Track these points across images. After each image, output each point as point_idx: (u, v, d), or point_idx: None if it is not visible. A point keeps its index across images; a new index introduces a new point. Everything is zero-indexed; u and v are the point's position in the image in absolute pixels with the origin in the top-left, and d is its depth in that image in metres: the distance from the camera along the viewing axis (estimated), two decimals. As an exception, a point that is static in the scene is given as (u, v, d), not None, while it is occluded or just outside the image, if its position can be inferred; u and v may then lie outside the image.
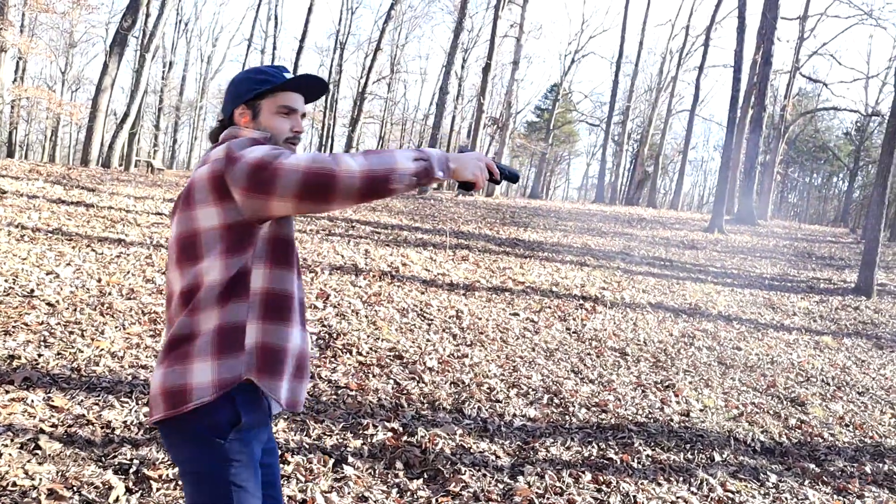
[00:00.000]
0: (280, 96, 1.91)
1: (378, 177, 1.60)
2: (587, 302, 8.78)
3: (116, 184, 13.53)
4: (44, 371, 4.11)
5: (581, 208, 23.94)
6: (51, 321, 4.97)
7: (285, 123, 1.90)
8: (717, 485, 4.01)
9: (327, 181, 1.56)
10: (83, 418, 3.57)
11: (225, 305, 1.71)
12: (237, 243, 1.70)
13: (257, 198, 1.60)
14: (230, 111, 1.91)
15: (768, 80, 23.78)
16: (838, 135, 45.75)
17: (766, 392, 6.24)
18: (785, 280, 12.97)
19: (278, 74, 1.92)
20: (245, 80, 1.91)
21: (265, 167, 1.59)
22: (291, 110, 1.92)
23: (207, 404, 1.68)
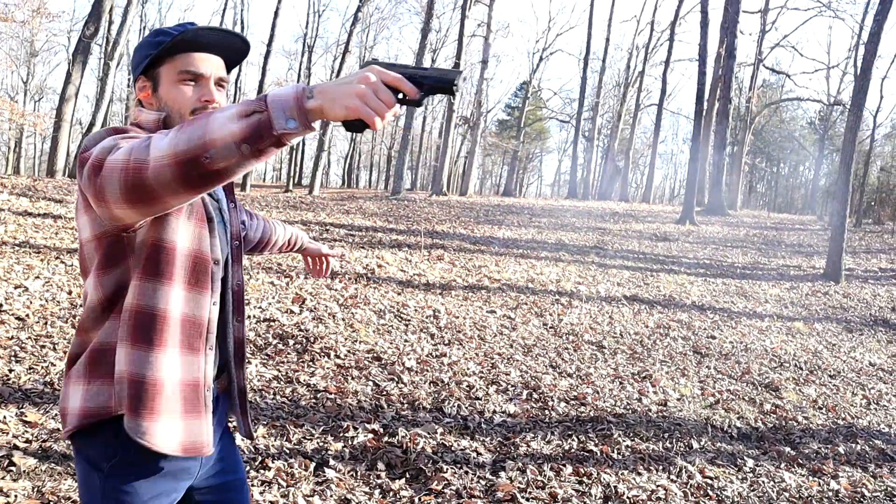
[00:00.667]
0: (181, 59, 1.52)
1: (188, 157, 1.15)
2: (563, 297, 8.82)
3: (86, 195, 13.32)
4: (15, 386, 4.04)
5: (554, 204, 24.05)
6: (21, 335, 4.89)
7: (189, 93, 1.52)
8: (696, 472, 4.04)
9: (137, 176, 1.19)
10: (58, 432, 3.52)
11: (103, 324, 1.46)
12: (110, 257, 1.43)
13: (98, 205, 1.29)
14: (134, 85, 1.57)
15: (733, 73, 24.07)
16: (803, 124, 46.46)
17: (741, 379, 6.31)
18: (756, 268, 13.13)
19: (174, 32, 1.51)
20: (143, 45, 1.55)
21: (94, 167, 1.26)
22: (197, 76, 1.53)
23: (83, 430, 1.44)
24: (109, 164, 1.22)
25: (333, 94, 1.13)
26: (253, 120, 1.13)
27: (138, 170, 1.18)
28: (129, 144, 1.22)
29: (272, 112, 1.12)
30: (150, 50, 1.52)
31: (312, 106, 1.13)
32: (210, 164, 1.14)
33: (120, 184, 1.21)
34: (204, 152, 1.14)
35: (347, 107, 1.12)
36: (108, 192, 1.23)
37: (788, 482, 4.08)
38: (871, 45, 12.78)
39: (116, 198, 1.23)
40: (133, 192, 1.21)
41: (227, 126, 1.13)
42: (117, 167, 1.21)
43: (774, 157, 48.70)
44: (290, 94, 1.14)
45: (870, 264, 14.72)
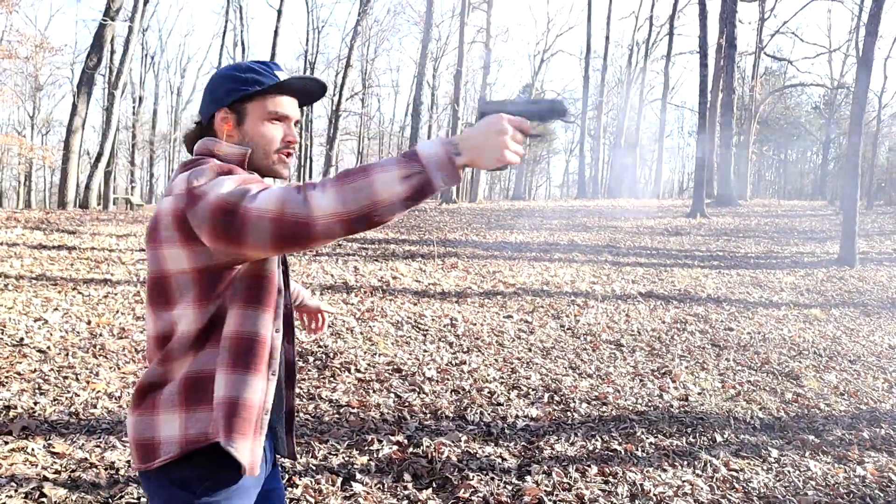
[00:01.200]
0: (271, 100, 1.61)
1: (356, 218, 1.29)
2: (579, 297, 8.83)
3: (97, 224, 13.48)
4: (41, 419, 4.10)
5: (564, 205, 24.04)
6: (44, 368, 4.96)
7: (276, 132, 1.62)
8: (721, 465, 4.05)
9: (300, 230, 1.29)
10: (86, 462, 3.57)
11: (198, 353, 1.50)
12: (211, 288, 1.47)
13: (228, 245, 1.37)
14: (210, 114, 1.62)
15: (734, 63, 24.03)
16: (808, 110, 46.16)
17: (761, 369, 6.30)
18: (770, 257, 13.08)
19: (269, 74, 1.61)
20: (228, 77, 1.61)
21: (231, 212, 1.33)
22: (284, 117, 1.63)
23: (177, 460, 1.49)
24: (256, 212, 1.31)
25: (480, 149, 1.31)
26: (415, 181, 1.28)
27: (300, 224, 1.29)
28: (274, 194, 1.31)
29: (430, 172, 1.28)
30: (239, 85, 1.59)
31: (462, 162, 1.30)
32: (378, 220, 1.30)
33: (272, 233, 1.31)
34: (373, 211, 1.28)
35: (497, 158, 1.31)
36: (251, 236, 1.32)
37: (814, 470, 4.08)
38: (871, 26, 12.73)
39: (262, 243, 1.33)
40: (288, 241, 1.32)
41: (392, 188, 1.27)
42: (267, 217, 1.30)
43: (781, 144, 48.45)
44: (442, 154, 1.29)
45: (884, 246, 14.63)
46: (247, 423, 1.50)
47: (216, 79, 1.63)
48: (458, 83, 25.94)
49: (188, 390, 1.49)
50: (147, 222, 14.38)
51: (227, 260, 1.45)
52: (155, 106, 46.34)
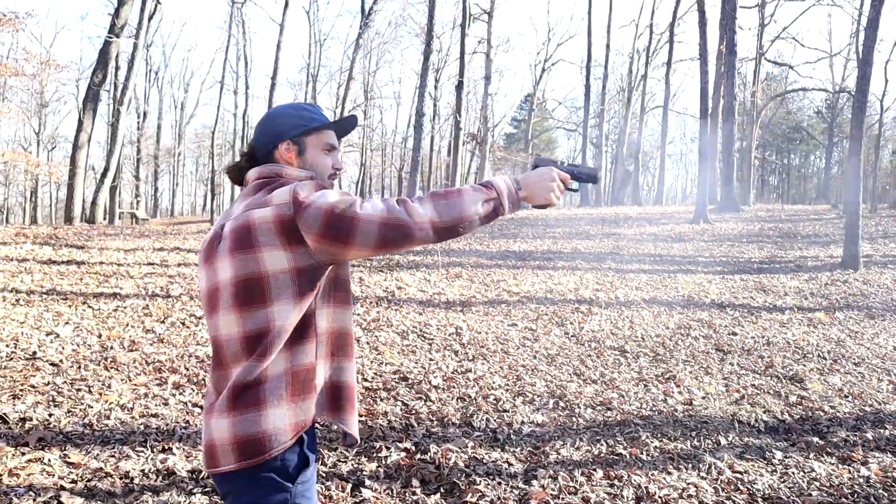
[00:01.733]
0: (326, 134, 1.93)
1: (447, 227, 1.65)
2: (582, 305, 8.88)
3: (104, 239, 13.59)
4: (56, 430, 4.17)
5: (567, 213, 24.10)
6: (57, 380, 5.03)
7: (328, 160, 1.92)
8: (726, 467, 4.09)
9: (403, 234, 1.61)
10: (101, 471, 3.63)
11: (292, 347, 1.69)
12: (308, 286, 1.68)
13: (334, 245, 1.61)
14: (270, 147, 1.87)
15: (735, 69, 24.09)
16: (810, 114, 46.26)
17: (765, 373, 6.33)
18: (773, 262, 13.11)
19: (320, 113, 1.95)
20: (291, 115, 1.90)
21: (342, 216, 1.60)
22: (333, 147, 1.95)
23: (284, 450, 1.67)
24: (365, 215, 1.61)
25: (536, 189, 1.83)
26: (491, 206, 1.73)
27: (403, 227, 1.62)
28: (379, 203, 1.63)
29: (503, 200, 1.75)
30: (303, 122, 1.89)
31: (523, 196, 1.79)
32: (462, 231, 1.68)
33: (377, 234, 1.60)
34: (460, 224, 1.67)
35: (546, 198, 1.83)
36: (359, 237, 1.60)
37: (818, 471, 4.11)
38: (870, 30, 12.80)
39: (367, 243, 1.61)
40: (390, 242, 1.62)
41: (476, 208, 1.70)
42: (375, 220, 1.60)
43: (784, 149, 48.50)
44: (512, 186, 1.79)
45: (888, 249, 14.64)
46: (349, 403, 1.84)
47: (278, 115, 1.91)
48: (459, 94, 26.06)
49: (296, 382, 1.69)
50: (154, 237, 14.52)
51: (325, 261, 1.67)
52: (159, 121, 46.65)
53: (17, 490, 3.36)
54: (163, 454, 3.90)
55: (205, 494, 3.44)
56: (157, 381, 5.17)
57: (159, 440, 4.10)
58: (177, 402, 4.78)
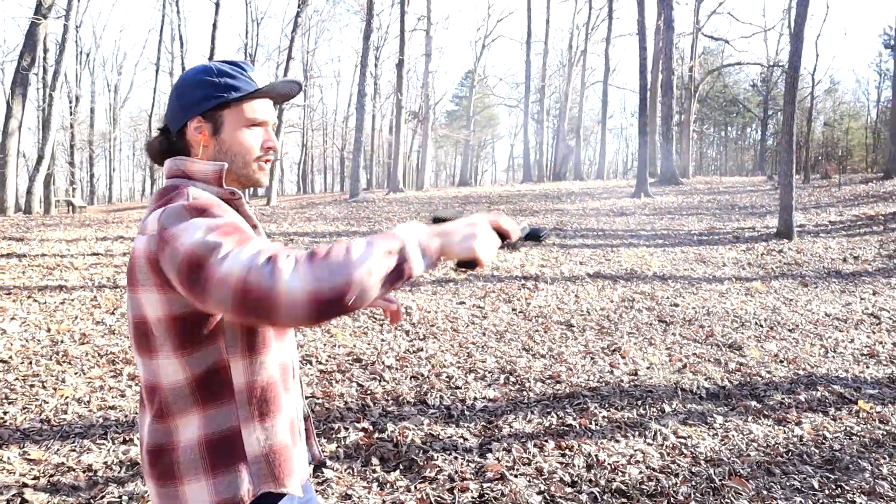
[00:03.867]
0: (248, 105, 1.50)
1: (330, 298, 1.12)
2: (529, 281, 9.08)
3: (43, 229, 13.23)
4: (13, 427, 4.14)
5: (511, 190, 24.36)
6: (8, 377, 4.97)
7: (255, 139, 1.52)
8: (670, 433, 4.31)
9: (262, 303, 1.13)
10: (63, 466, 3.64)
11: (205, 410, 1.37)
12: (192, 337, 1.35)
13: (193, 299, 1.22)
14: (179, 125, 1.49)
15: (673, 44, 24.61)
16: (746, 87, 47.53)
17: (706, 342, 6.63)
18: (712, 234, 13.57)
19: (244, 77, 1.50)
20: (201, 82, 1.48)
21: (198, 266, 1.19)
22: (262, 122, 1.53)
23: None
24: (220, 274, 1.16)
25: (456, 239, 1.24)
26: (393, 262, 1.17)
27: (263, 297, 1.12)
28: (241, 259, 1.15)
29: (411, 261, 1.19)
30: (214, 91, 1.47)
31: (437, 247, 1.23)
32: (352, 305, 1.15)
33: (233, 300, 1.14)
34: (346, 295, 1.13)
35: (470, 251, 1.23)
36: (214, 298, 1.17)
37: (756, 433, 4.37)
38: (801, 7, 13.26)
39: (225, 308, 1.17)
40: (250, 312, 1.15)
41: (370, 266, 1.14)
42: (230, 282, 1.14)
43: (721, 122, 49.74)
44: (424, 241, 1.21)
45: (820, 219, 15.28)
46: (288, 462, 1.44)
47: (185, 84, 1.49)
48: (400, 72, 25.99)
49: (213, 453, 1.37)
50: (96, 226, 14.18)
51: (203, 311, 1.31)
52: (92, 104, 45.18)
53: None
54: (125, 445, 3.92)
55: (164, 481, 3.48)
56: (111, 374, 5.15)
57: (120, 431, 4.11)
58: (134, 394, 4.78)
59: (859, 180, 23.25)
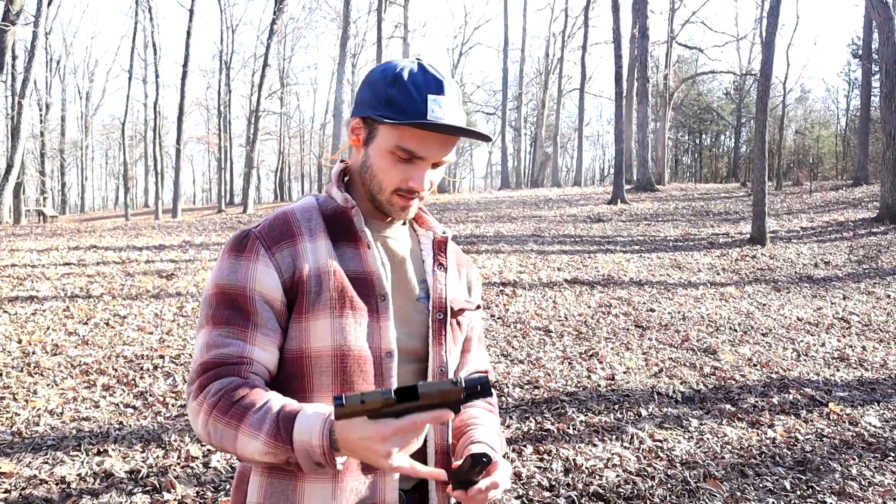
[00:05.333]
0: (408, 132, 1.25)
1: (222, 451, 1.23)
2: (507, 287, 9.13)
3: (13, 239, 13.08)
4: (-18, 439, 4.10)
5: (489, 197, 24.45)
6: (-22, 388, 4.92)
7: (396, 173, 1.29)
8: (647, 436, 4.37)
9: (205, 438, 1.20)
10: (35, 479, 3.61)
11: None
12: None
13: None
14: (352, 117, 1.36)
15: (648, 52, 24.86)
16: (720, 95, 48.03)
17: (681, 346, 6.71)
18: (687, 240, 13.72)
19: (417, 100, 1.24)
20: (372, 85, 1.30)
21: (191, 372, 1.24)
22: (415, 157, 1.28)
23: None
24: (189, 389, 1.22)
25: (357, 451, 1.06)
26: (279, 459, 1.11)
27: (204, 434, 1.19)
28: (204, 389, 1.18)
29: (301, 461, 1.10)
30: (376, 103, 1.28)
31: (340, 455, 1.09)
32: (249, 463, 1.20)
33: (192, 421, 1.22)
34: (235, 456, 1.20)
35: (377, 463, 1.06)
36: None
37: (730, 436, 4.44)
38: (772, 17, 13.49)
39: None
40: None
41: (252, 451, 1.12)
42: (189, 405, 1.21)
43: (696, 129, 50.25)
44: (317, 447, 1.07)
45: (792, 225, 15.52)
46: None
47: (367, 79, 1.35)
48: (378, 78, 25.93)
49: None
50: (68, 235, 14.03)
51: None
52: (63, 112, 44.78)
53: (-54, 498, 3.32)
54: (98, 457, 3.89)
55: (145, 493, 3.48)
56: (85, 385, 5.11)
57: (94, 443, 4.08)
58: (108, 405, 4.75)
59: (830, 187, 23.63)
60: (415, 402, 1.03)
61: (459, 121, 1.29)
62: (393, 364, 1.29)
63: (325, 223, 1.34)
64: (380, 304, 1.30)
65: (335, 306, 1.26)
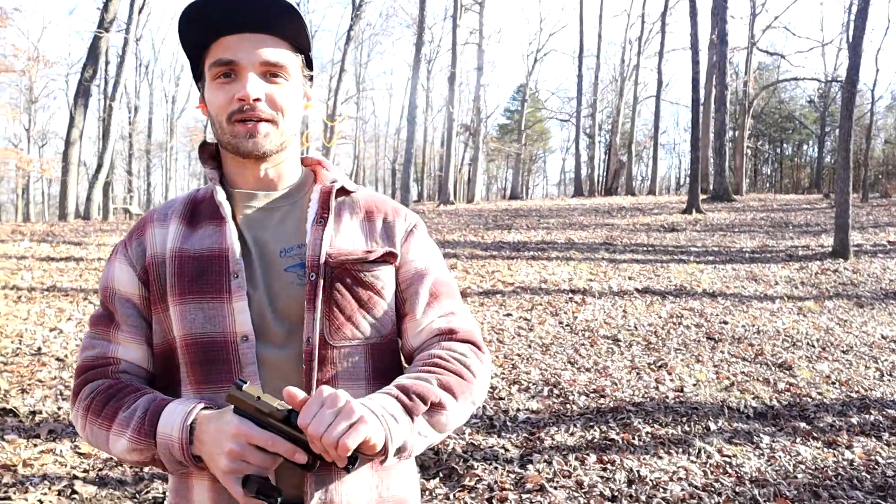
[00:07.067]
0: (209, 51, 1.16)
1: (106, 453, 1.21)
2: (576, 294, 9.02)
3: (100, 235, 13.66)
4: (66, 422, 4.29)
5: (561, 204, 24.25)
6: (63, 375, 5.16)
7: (222, 96, 1.14)
8: (715, 451, 4.24)
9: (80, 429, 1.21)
10: (111, 461, 3.75)
11: None
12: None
13: None
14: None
15: (727, 59, 24.23)
16: (802, 103, 46.49)
17: (755, 360, 6.49)
18: (765, 251, 13.28)
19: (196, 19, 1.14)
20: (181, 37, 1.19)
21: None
22: (230, 66, 1.13)
23: None
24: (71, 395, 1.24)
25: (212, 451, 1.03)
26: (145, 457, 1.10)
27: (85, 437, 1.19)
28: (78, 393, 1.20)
29: (163, 457, 1.07)
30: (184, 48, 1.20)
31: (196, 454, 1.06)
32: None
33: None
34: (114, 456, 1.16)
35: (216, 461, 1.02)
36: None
37: (804, 455, 4.27)
38: (859, 20, 12.94)
39: None
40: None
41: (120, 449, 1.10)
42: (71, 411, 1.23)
43: (776, 138, 48.73)
44: (175, 440, 1.05)
45: (878, 238, 14.83)
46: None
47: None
48: (452, 85, 26.14)
49: None
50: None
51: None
52: (150, 115, 46.60)
53: (32, 479, 3.49)
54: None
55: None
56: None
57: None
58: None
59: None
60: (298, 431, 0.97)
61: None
62: (250, 349, 1.13)
63: (193, 207, 1.25)
64: (232, 282, 1.15)
65: (178, 292, 1.17)
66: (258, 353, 1.14)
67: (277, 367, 1.15)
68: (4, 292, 7.71)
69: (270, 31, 1.15)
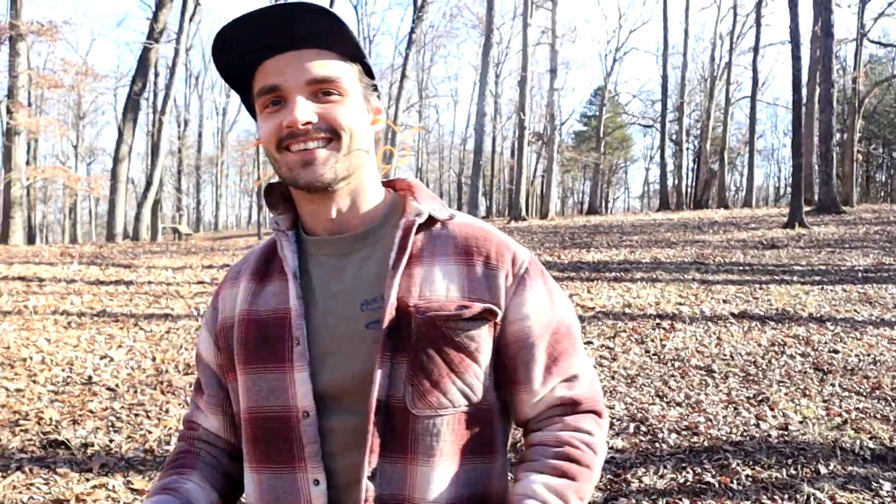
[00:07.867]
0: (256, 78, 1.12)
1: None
2: (664, 320, 8.91)
3: (150, 256, 14.22)
4: (118, 456, 4.48)
5: (645, 219, 23.99)
6: (115, 405, 5.38)
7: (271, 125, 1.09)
8: (826, 498, 4.13)
9: None
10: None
11: None
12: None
13: None
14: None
15: (832, 53, 23.63)
16: (922, 101, 44.87)
17: (871, 395, 6.29)
18: (880, 270, 12.85)
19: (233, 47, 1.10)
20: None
21: None
22: (273, 93, 1.09)
23: None
24: None
25: None
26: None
27: None
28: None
29: None
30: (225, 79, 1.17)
31: None
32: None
33: None
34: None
35: None
36: None
37: (931, 503, 4.12)
38: None
39: None
40: None
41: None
42: None
43: (892, 141, 47.12)
44: None
45: None
46: None
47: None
48: (523, 89, 26.25)
49: None
50: (202, 254, 15.06)
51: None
52: (200, 128, 48.18)
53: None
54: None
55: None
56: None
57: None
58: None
59: None
60: None
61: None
62: (310, 426, 1.09)
63: (266, 260, 1.22)
64: (294, 350, 1.10)
65: (242, 360, 1.15)
66: (324, 426, 1.10)
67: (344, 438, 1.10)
68: (55, 318, 8.09)
69: (312, 45, 1.08)
